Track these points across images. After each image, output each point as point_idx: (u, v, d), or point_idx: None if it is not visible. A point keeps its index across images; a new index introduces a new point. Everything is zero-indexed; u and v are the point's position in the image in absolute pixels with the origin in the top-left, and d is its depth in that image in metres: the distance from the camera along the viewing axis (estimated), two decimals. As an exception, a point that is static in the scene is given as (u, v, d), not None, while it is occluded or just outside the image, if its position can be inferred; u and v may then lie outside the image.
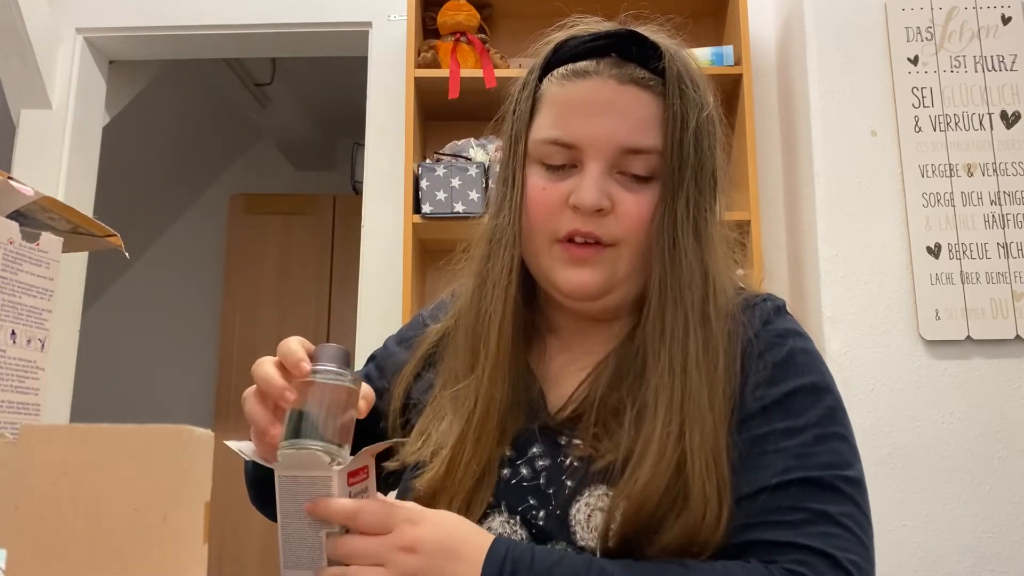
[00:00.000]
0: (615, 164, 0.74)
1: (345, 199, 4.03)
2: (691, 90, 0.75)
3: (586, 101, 0.74)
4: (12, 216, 0.63)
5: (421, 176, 2.12)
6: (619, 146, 0.73)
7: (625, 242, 0.74)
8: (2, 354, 0.57)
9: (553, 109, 0.76)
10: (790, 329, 0.76)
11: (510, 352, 0.76)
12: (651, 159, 0.73)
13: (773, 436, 0.70)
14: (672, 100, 0.73)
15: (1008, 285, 1.91)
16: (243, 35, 2.56)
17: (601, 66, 0.75)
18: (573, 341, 0.82)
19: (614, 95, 0.74)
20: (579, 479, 0.71)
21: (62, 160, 2.46)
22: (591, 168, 0.73)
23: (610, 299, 0.77)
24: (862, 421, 1.84)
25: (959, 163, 1.98)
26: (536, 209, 0.75)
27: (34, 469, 0.39)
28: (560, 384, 0.79)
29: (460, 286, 0.85)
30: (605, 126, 0.73)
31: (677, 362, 0.70)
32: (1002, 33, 2.04)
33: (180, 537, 0.39)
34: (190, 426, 0.40)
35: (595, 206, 0.72)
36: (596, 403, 0.74)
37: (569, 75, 0.76)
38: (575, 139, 0.74)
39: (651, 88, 0.74)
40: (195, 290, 4.27)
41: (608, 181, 0.73)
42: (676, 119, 0.73)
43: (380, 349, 0.94)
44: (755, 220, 2.06)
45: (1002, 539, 1.82)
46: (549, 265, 0.76)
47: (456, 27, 2.24)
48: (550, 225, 0.74)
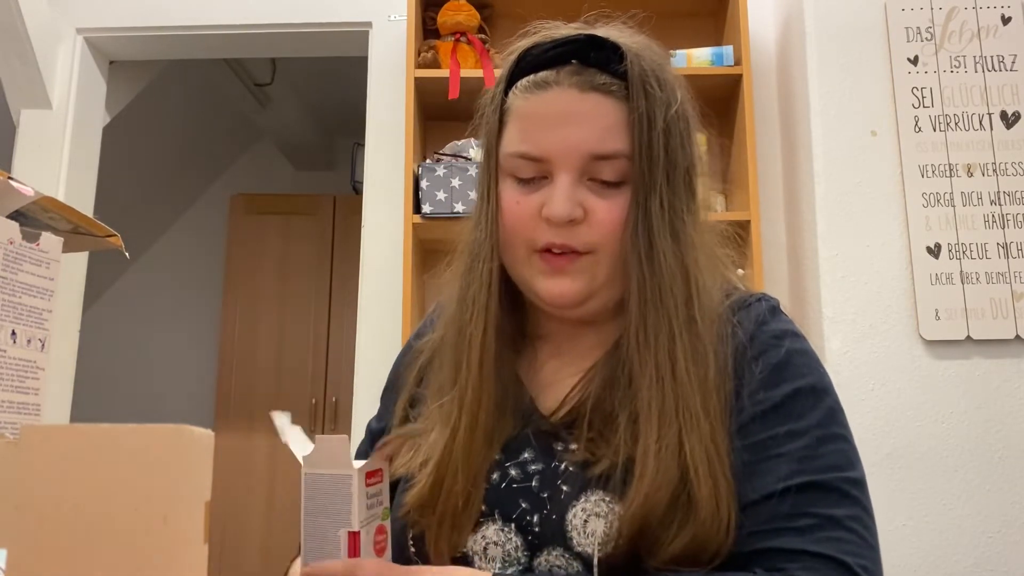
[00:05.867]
0: (585, 172, 0.73)
1: (345, 199, 4.04)
2: (656, 89, 0.74)
3: (549, 113, 0.74)
4: (12, 216, 0.63)
5: (421, 176, 2.12)
6: (586, 154, 0.73)
7: (601, 249, 0.73)
8: (2, 354, 0.57)
9: (519, 122, 0.76)
10: (786, 330, 0.75)
11: (492, 364, 0.76)
12: (620, 163, 0.73)
13: (775, 440, 0.69)
14: (637, 102, 0.72)
15: (1008, 285, 1.91)
16: (243, 35, 2.56)
17: (562, 75, 0.74)
18: (564, 346, 0.82)
19: (577, 104, 0.73)
20: (576, 484, 0.71)
21: (62, 160, 2.46)
22: (560, 179, 0.73)
23: (593, 304, 0.76)
24: (862, 421, 1.84)
25: (959, 163, 1.98)
26: (511, 223, 0.75)
27: (34, 469, 0.39)
28: (553, 389, 0.79)
29: (445, 298, 0.85)
30: (570, 136, 0.73)
31: (665, 369, 0.70)
32: (1002, 33, 2.04)
33: (180, 537, 0.39)
34: (190, 426, 0.40)
35: (566, 217, 0.72)
36: (590, 407, 0.73)
37: (531, 87, 0.76)
38: (542, 152, 0.74)
39: (614, 93, 0.74)
40: (195, 290, 4.27)
41: (579, 190, 0.73)
42: (642, 121, 0.72)
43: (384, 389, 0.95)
44: (755, 220, 2.06)
45: (1002, 539, 1.82)
46: (529, 275, 0.76)
47: (456, 27, 2.24)
48: (526, 237, 0.75)
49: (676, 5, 2.34)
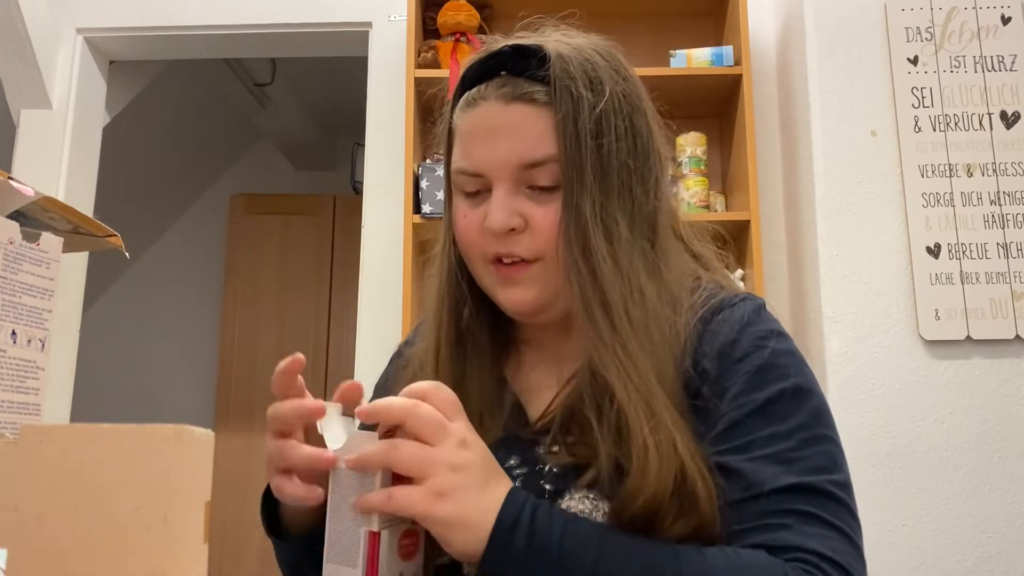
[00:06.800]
0: (520, 181, 0.74)
1: (345, 199, 4.03)
2: (583, 90, 0.73)
3: (479, 128, 0.76)
4: (12, 216, 0.63)
5: (421, 176, 2.12)
6: (516, 165, 0.73)
7: (547, 254, 0.74)
8: (2, 354, 0.57)
9: (459, 140, 0.78)
10: (771, 330, 0.75)
11: (450, 378, 0.77)
12: (552, 168, 0.73)
13: (760, 442, 0.69)
14: (560, 105, 0.73)
15: (1008, 285, 1.91)
16: (243, 35, 2.56)
17: (488, 89, 0.76)
18: (547, 351, 0.82)
19: (502, 116, 0.74)
20: (559, 483, 0.71)
21: (62, 160, 2.46)
22: (497, 192, 0.74)
23: (557, 310, 0.77)
24: (862, 421, 1.84)
25: (959, 163, 1.98)
26: (464, 237, 0.77)
27: (34, 469, 0.39)
28: (540, 396, 0.80)
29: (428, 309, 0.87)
30: (499, 149, 0.74)
31: (629, 369, 0.69)
32: (1002, 33, 2.04)
33: (180, 537, 0.39)
34: (190, 426, 0.40)
35: (503, 228, 0.73)
36: (570, 413, 0.74)
37: (464, 105, 0.78)
38: (477, 167, 0.75)
39: (537, 100, 0.74)
40: (195, 290, 4.27)
41: (516, 199, 0.74)
42: (566, 123, 0.72)
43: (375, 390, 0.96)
44: (755, 220, 2.06)
45: (1002, 539, 1.82)
46: (490, 285, 0.78)
47: (456, 27, 2.24)
48: (478, 250, 0.77)
49: (676, 5, 2.35)
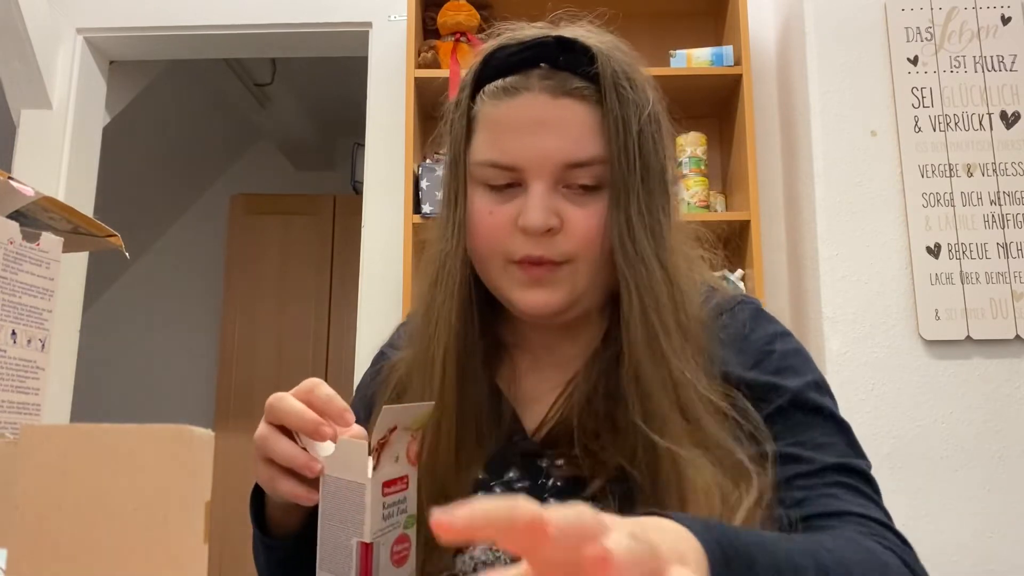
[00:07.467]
0: (559, 180, 0.70)
1: (345, 199, 4.03)
2: (629, 91, 0.71)
3: (520, 120, 0.71)
4: (12, 216, 0.63)
5: (421, 176, 2.12)
6: (561, 163, 0.70)
7: (580, 257, 0.71)
8: (2, 354, 0.57)
9: (488, 129, 0.72)
10: (775, 332, 0.75)
11: (455, 384, 0.73)
12: (596, 169, 0.70)
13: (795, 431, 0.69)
14: (611, 105, 0.70)
15: (1008, 285, 1.91)
16: (243, 35, 2.56)
17: (532, 80, 0.71)
18: (542, 356, 0.79)
19: (549, 110, 0.70)
20: (562, 498, 0.69)
21: (62, 160, 2.46)
22: (535, 188, 0.70)
23: (573, 312, 0.74)
24: (862, 421, 1.84)
25: (959, 163, 1.98)
26: (485, 234, 0.72)
27: (34, 469, 0.39)
28: (536, 404, 0.77)
29: (412, 312, 0.82)
30: (544, 144, 0.70)
31: (674, 368, 0.68)
32: (1002, 33, 2.04)
33: (180, 537, 0.39)
34: (190, 426, 0.40)
35: (543, 227, 0.69)
36: (575, 424, 0.71)
37: (500, 92, 0.72)
38: (514, 160, 0.70)
39: (587, 97, 0.70)
40: (195, 290, 4.28)
41: (554, 198, 0.70)
42: (617, 124, 0.69)
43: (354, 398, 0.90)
44: (755, 220, 2.06)
45: (1002, 539, 1.82)
46: (507, 286, 0.73)
47: (456, 27, 2.25)
48: (502, 248, 0.71)
49: (676, 5, 2.35)
